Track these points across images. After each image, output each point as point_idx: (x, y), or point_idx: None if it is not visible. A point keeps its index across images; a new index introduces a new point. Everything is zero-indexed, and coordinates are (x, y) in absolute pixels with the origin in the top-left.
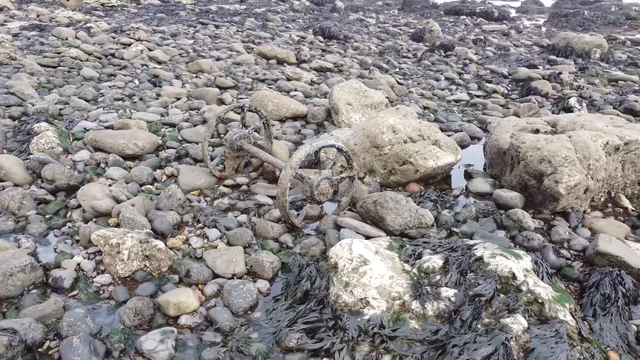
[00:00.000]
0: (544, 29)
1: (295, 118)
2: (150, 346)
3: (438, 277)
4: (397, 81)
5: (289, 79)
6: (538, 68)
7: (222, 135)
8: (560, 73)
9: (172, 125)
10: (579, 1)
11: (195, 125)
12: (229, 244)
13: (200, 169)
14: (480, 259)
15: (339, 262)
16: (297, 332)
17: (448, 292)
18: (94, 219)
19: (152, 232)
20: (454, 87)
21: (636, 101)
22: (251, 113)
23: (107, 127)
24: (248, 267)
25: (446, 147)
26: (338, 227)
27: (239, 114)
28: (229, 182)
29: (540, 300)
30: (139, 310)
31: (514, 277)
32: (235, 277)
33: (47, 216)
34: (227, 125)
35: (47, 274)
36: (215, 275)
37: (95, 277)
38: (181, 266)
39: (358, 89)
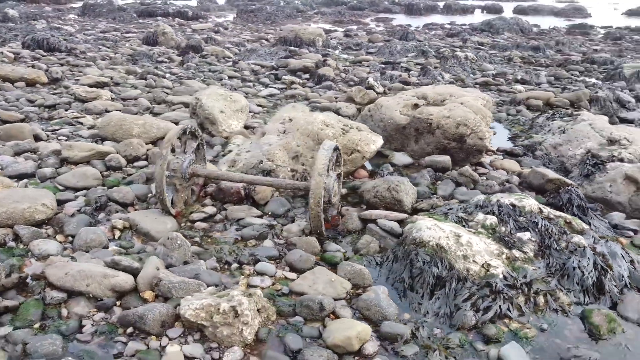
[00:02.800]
0: (240, 25)
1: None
2: None
3: (503, 229)
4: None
5: (84, 101)
6: (294, 58)
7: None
8: (325, 60)
9: (26, 176)
10: None
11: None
12: (294, 271)
13: (156, 212)
14: (514, 205)
15: (441, 242)
16: (469, 311)
17: (525, 235)
18: (117, 303)
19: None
20: (249, 84)
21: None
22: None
23: None
24: (348, 279)
25: (370, 132)
26: (363, 221)
27: (179, 138)
28: (197, 215)
29: (568, 220)
30: None
31: (541, 210)
32: (351, 293)
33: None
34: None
35: None
36: (336, 299)
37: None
38: (291, 307)
39: (224, 94)
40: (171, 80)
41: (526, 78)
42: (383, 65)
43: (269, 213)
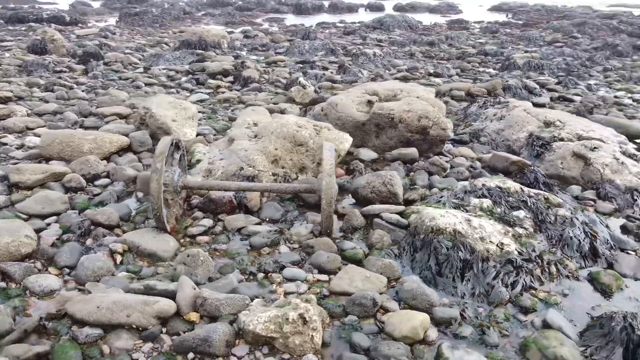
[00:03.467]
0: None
1: (119, 151)
2: None
3: (499, 210)
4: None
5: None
6: (207, 61)
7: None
8: (244, 62)
9: None
10: (126, 0)
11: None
12: (323, 272)
13: (150, 230)
14: (500, 187)
15: (457, 227)
16: (502, 287)
17: (521, 213)
18: (162, 330)
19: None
20: (172, 90)
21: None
22: None
23: None
24: (380, 273)
25: (338, 131)
26: (365, 217)
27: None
28: (196, 229)
29: (546, 197)
30: None
31: (522, 190)
32: (389, 285)
33: None
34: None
35: None
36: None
37: None
38: (339, 307)
39: (173, 102)
40: (83, 91)
41: (438, 71)
42: (301, 65)
43: (267, 219)
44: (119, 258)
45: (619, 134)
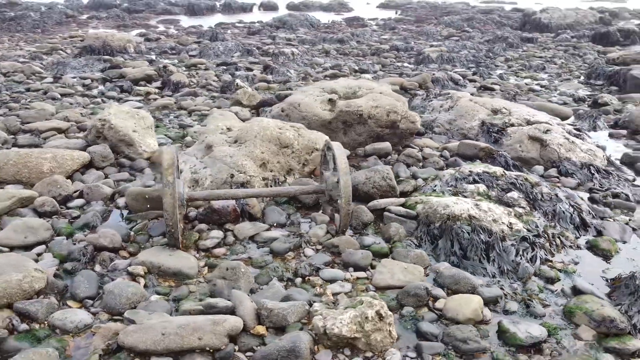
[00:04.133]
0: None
1: (81, 169)
2: None
3: (493, 193)
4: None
5: None
6: (120, 67)
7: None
8: (165, 66)
9: None
10: None
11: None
12: (359, 269)
13: (163, 249)
14: (487, 172)
15: (471, 212)
16: (526, 263)
17: (515, 194)
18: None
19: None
20: (97, 99)
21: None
22: None
23: None
24: (414, 263)
25: (310, 131)
26: (372, 212)
27: None
28: (209, 242)
29: (525, 177)
30: None
31: (505, 173)
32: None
33: None
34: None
35: None
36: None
37: None
38: (393, 300)
39: (130, 112)
40: None
41: (363, 67)
42: (225, 67)
43: (274, 224)
44: (142, 281)
45: (552, 116)
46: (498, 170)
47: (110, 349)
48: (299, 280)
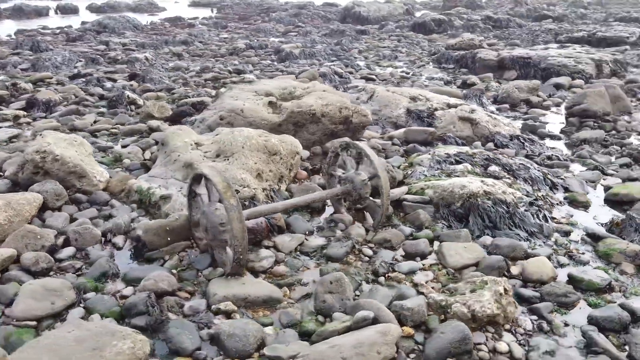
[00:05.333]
0: None
1: (37, 213)
2: None
3: (477, 170)
4: None
5: None
6: None
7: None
8: (15, 84)
9: None
10: None
11: None
12: (424, 258)
13: (228, 279)
14: (461, 151)
15: (485, 188)
16: (546, 224)
17: (495, 168)
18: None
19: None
20: None
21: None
22: None
23: None
24: (464, 241)
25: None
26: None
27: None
28: (266, 262)
29: (486, 152)
30: None
31: (476, 152)
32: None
33: None
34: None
35: None
36: None
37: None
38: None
39: (68, 139)
40: None
41: (240, 68)
42: (84, 79)
43: (307, 232)
44: (237, 317)
45: (453, 98)
46: (467, 149)
47: None
48: (382, 279)
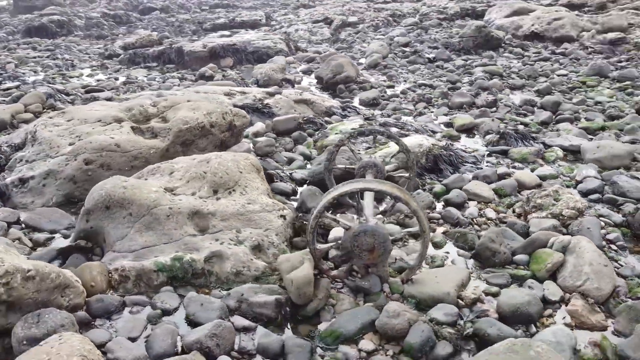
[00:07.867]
0: None
1: None
2: None
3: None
4: None
5: None
6: None
7: None
8: None
9: None
10: None
11: None
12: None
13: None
14: (369, 124)
15: (432, 142)
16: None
17: (394, 129)
18: None
19: None
20: None
21: None
22: None
23: None
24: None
25: None
26: None
27: None
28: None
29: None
30: None
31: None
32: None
33: None
34: None
35: None
36: None
37: None
38: None
39: None
40: None
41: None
42: None
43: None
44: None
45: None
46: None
47: None
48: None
